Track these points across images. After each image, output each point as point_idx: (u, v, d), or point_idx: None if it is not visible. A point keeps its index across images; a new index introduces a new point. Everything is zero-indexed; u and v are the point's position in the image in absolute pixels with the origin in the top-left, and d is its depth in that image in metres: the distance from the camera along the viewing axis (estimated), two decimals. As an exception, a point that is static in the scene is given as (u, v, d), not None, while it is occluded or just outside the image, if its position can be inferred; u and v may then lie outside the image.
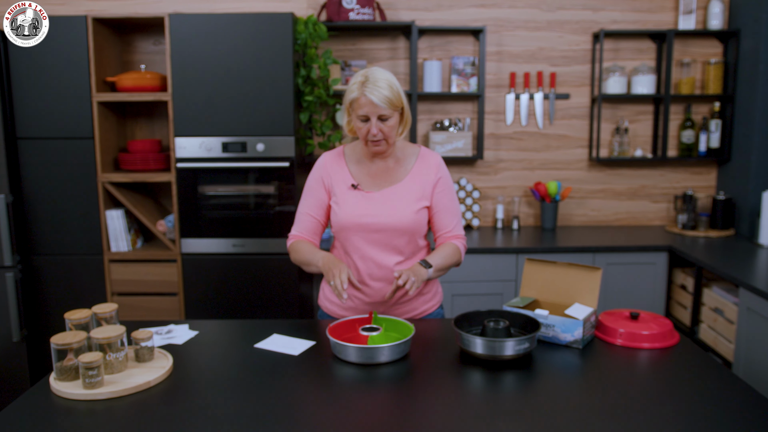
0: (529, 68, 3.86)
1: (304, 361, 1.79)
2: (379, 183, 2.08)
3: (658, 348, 1.87)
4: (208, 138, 3.23)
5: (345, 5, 3.52)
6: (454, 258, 2.09)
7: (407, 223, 2.03)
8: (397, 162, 2.11)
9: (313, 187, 2.12)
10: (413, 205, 2.05)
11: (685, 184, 3.96)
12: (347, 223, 2.04)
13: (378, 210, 2.03)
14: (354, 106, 1.96)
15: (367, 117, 1.95)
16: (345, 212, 2.05)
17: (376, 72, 1.95)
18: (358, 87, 1.93)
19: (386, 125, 1.96)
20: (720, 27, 3.74)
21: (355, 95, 1.94)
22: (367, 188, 2.07)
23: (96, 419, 1.47)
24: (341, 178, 2.09)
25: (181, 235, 3.31)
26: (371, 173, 2.10)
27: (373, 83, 1.92)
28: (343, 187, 2.08)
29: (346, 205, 2.06)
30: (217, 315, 3.32)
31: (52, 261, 3.32)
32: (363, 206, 2.04)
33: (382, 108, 1.92)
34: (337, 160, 2.13)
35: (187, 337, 1.95)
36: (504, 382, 1.66)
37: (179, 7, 3.67)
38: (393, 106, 1.94)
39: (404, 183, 2.07)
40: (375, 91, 1.90)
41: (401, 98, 1.97)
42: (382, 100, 1.91)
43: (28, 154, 3.23)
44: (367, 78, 1.93)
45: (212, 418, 1.46)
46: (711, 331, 3.07)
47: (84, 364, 1.54)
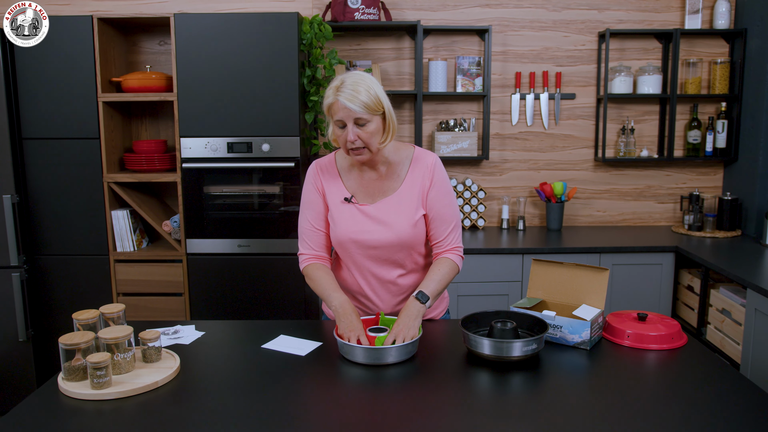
0: (535, 68, 3.85)
1: (311, 361, 1.78)
2: (373, 194, 2.00)
3: (665, 349, 1.86)
4: (213, 138, 3.23)
5: (350, 5, 3.52)
6: (450, 276, 2.01)
7: (405, 237, 1.97)
8: (389, 168, 2.01)
9: (311, 199, 2.05)
10: (410, 217, 1.97)
11: (691, 185, 3.95)
12: (344, 239, 1.99)
13: (373, 225, 1.97)
14: (331, 112, 1.86)
15: (344, 123, 1.84)
16: (341, 229, 1.99)
17: (354, 75, 1.86)
18: (333, 92, 1.83)
19: (364, 131, 1.84)
20: (726, 26, 3.73)
21: (330, 100, 1.84)
22: (362, 200, 2.00)
23: (104, 419, 1.47)
24: (335, 190, 2.02)
25: (186, 236, 3.31)
26: (364, 183, 2.01)
27: (348, 86, 1.82)
28: (337, 201, 2.01)
29: (341, 220, 1.99)
30: (222, 315, 3.32)
31: (58, 261, 3.33)
32: (358, 222, 1.98)
33: (358, 112, 1.81)
34: (330, 170, 2.04)
35: (194, 338, 1.95)
36: (511, 383, 1.66)
37: (184, 7, 3.68)
38: (370, 110, 1.83)
39: (399, 193, 1.98)
40: (349, 95, 1.80)
41: (380, 102, 1.85)
42: (356, 104, 1.80)
43: (33, 154, 3.24)
44: (343, 82, 1.84)
45: (220, 419, 1.46)
46: (718, 332, 3.06)
47: (92, 364, 1.54)
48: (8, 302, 3.23)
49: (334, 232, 2.02)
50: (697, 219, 3.71)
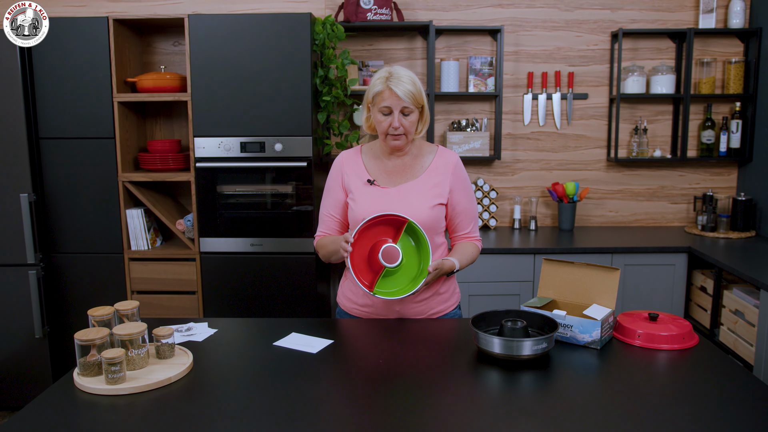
0: (547, 68, 3.84)
1: (323, 359, 1.80)
2: (396, 179, 2.11)
3: (676, 349, 1.85)
4: (226, 138, 3.26)
5: (363, 5, 3.54)
6: (473, 256, 2.16)
7: (423, 219, 2.03)
8: (414, 159, 2.13)
9: (331, 187, 2.17)
10: (429, 201, 2.07)
11: (705, 185, 3.92)
12: (363, 218, 2.04)
13: (393, 206, 2.04)
14: (377, 100, 2.01)
15: (390, 110, 2.00)
16: (360, 208, 2.07)
17: (400, 69, 2.02)
18: (383, 81, 1.99)
19: (407, 120, 2.01)
20: (741, 26, 3.70)
21: (379, 88, 1.99)
22: (383, 184, 2.10)
23: (118, 414, 1.49)
24: (357, 174, 2.12)
25: (199, 234, 3.34)
26: (388, 170, 2.12)
27: (397, 78, 1.98)
28: (359, 183, 2.11)
29: (361, 200, 2.08)
30: (235, 313, 3.35)
31: (74, 259, 3.37)
32: (378, 202, 2.06)
33: (405, 102, 1.97)
34: (354, 158, 2.16)
35: (207, 335, 1.97)
36: (521, 382, 1.66)
37: (198, 8, 3.71)
38: (415, 102, 1.99)
39: (421, 179, 2.09)
40: (399, 85, 1.96)
41: (423, 96, 2.02)
42: (405, 94, 1.97)
43: (50, 153, 3.28)
44: (391, 74, 2.00)
45: (232, 415, 1.47)
46: (731, 333, 3.04)
47: (107, 360, 1.57)
48: (25, 299, 3.27)
49: (353, 212, 2.09)
50: (710, 219, 3.69)
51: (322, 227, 2.19)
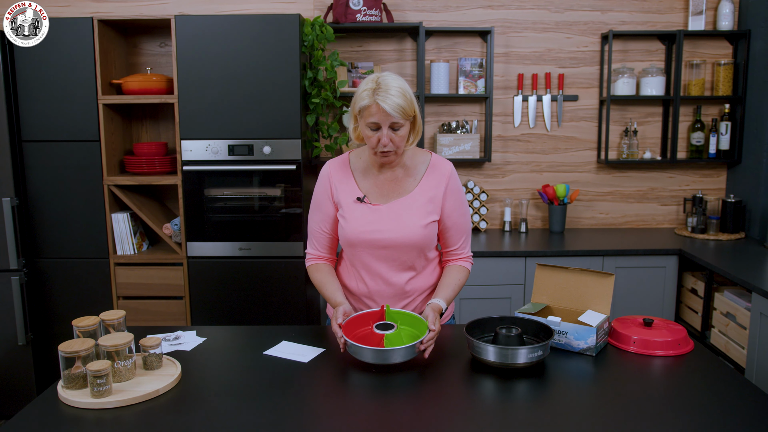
0: (537, 70, 3.83)
1: (314, 368, 1.77)
2: (387, 194, 1.99)
3: (672, 355, 1.84)
4: (214, 141, 3.21)
5: (352, 6, 3.50)
6: (461, 284, 2.05)
7: (416, 238, 1.95)
8: (405, 171, 2.01)
9: (320, 201, 2.05)
10: (422, 219, 1.96)
11: (694, 187, 3.93)
12: (354, 238, 1.97)
13: (385, 225, 1.95)
14: (364, 114, 1.85)
15: (378, 126, 1.84)
16: (351, 227, 1.97)
17: (388, 78, 1.84)
18: (370, 94, 1.82)
19: (397, 135, 1.86)
20: (730, 28, 3.71)
21: (366, 102, 1.82)
22: (374, 200, 1.99)
23: (104, 428, 1.45)
24: (347, 189, 2.01)
25: (187, 239, 3.29)
26: (378, 184, 2.00)
27: (385, 90, 1.80)
28: (349, 200, 1.99)
29: (352, 219, 1.98)
30: (223, 319, 3.30)
31: (58, 264, 3.31)
32: (370, 221, 1.96)
33: (394, 117, 1.81)
34: (343, 170, 2.04)
35: (195, 344, 1.93)
36: (516, 390, 1.64)
37: (185, 8, 3.66)
38: (406, 115, 1.84)
39: (413, 195, 1.98)
40: (387, 99, 1.79)
41: (414, 106, 1.86)
42: (394, 109, 1.80)
43: (33, 156, 3.22)
44: (379, 85, 1.82)
45: (222, 428, 1.44)
46: (722, 336, 3.04)
47: (92, 372, 1.52)
48: (8, 306, 3.20)
49: (344, 231, 1.99)
50: (700, 221, 3.69)
51: (313, 244, 2.08)
